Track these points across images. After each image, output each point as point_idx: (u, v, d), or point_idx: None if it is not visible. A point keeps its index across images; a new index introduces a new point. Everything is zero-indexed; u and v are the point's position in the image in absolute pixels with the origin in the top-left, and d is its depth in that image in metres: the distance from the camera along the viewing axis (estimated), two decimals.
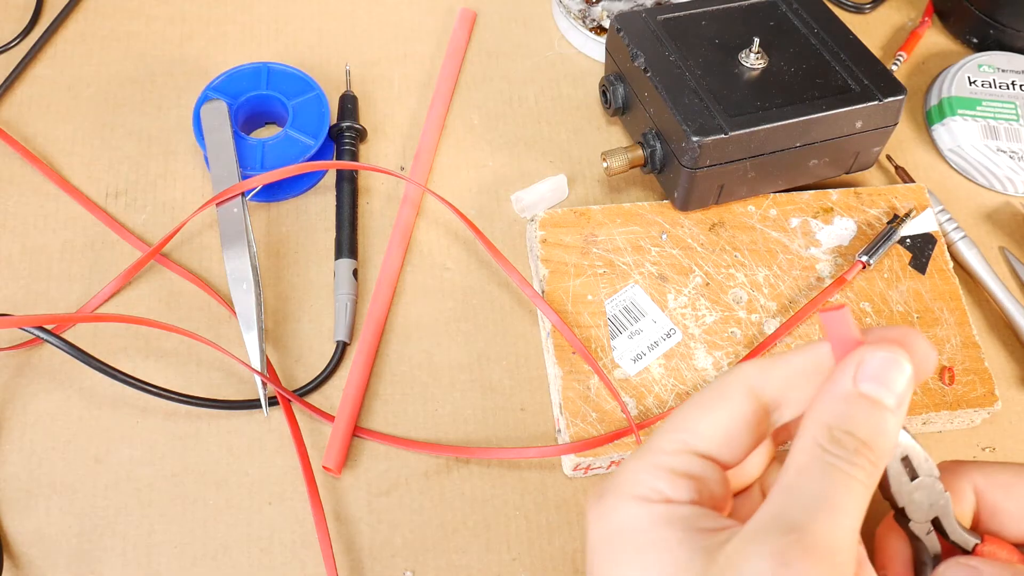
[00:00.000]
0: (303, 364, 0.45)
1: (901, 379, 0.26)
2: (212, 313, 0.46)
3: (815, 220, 0.47)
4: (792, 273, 0.45)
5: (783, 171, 0.47)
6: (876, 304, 0.45)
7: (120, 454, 0.42)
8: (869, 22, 0.61)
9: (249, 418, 0.43)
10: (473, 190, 0.51)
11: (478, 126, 0.53)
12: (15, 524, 0.40)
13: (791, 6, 0.50)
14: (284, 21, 0.57)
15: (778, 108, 0.45)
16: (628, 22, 0.49)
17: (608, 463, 0.41)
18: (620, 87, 0.50)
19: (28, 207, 0.49)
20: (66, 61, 0.54)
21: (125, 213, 0.49)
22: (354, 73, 0.55)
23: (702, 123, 0.44)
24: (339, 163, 0.49)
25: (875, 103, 0.46)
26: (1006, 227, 0.52)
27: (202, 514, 0.41)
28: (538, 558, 0.40)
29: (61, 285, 0.46)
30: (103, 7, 0.57)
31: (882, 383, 0.26)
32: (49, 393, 0.43)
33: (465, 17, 0.57)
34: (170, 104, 0.53)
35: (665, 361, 0.42)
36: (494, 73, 0.55)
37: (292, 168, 0.47)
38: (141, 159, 0.51)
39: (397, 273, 0.47)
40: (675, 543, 0.26)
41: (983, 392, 0.43)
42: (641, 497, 0.27)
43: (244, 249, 0.45)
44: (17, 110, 0.52)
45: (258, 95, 0.50)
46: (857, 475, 0.25)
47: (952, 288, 0.46)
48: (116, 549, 0.40)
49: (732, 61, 0.47)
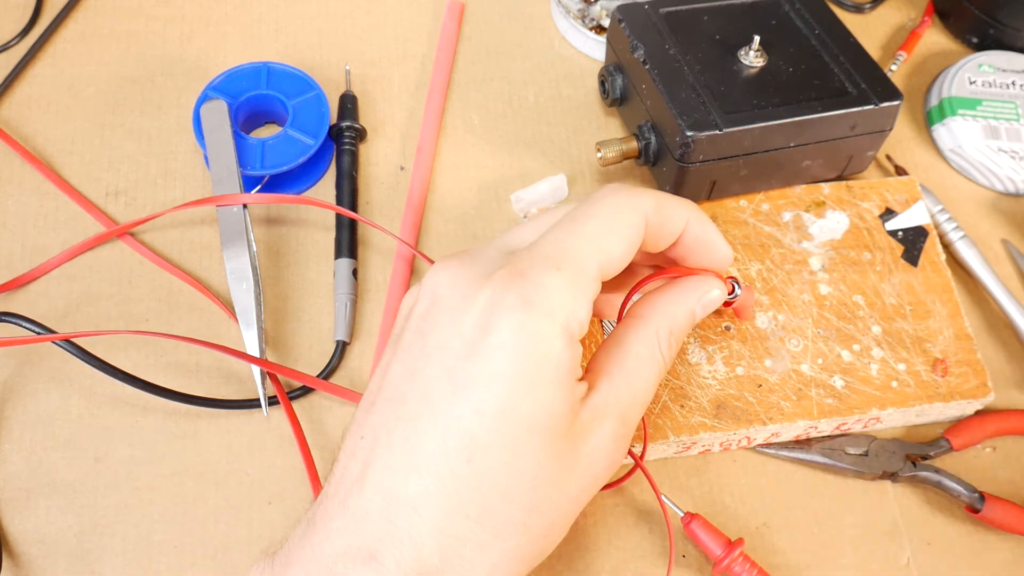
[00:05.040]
0: (303, 364, 0.45)
1: (710, 312, 0.35)
2: (211, 313, 0.46)
3: (807, 214, 0.47)
4: (785, 267, 0.45)
5: (776, 171, 0.47)
6: (869, 297, 0.45)
7: (120, 453, 0.42)
8: (869, 22, 0.61)
9: (249, 417, 0.43)
10: (473, 190, 0.51)
11: (478, 126, 0.53)
12: (15, 523, 0.40)
13: (794, 6, 0.50)
14: (284, 21, 0.57)
15: (774, 107, 0.45)
16: (630, 13, 0.49)
17: None
18: (619, 78, 0.50)
19: (28, 207, 0.49)
20: (66, 61, 0.54)
21: (125, 213, 0.49)
22: (354, 73, 0.55)
23: (697, 118, 0.44)
24: (337, 208, 0.49)
25: (871, 107, 0.46)
26: (1011, 220, 0.52)
27: (202, 514, 0.41)
28: None
29: (61, 284, 0.46)
30: (103, 7, 0.57)
31: (705, 314, 0.35)
32: (49, 392, 0.43)
33: (453, 9, 0.57)
34: (170, 104, 0.53)
35: None
36: (494, 73, 0.55)
37: (288, 197, 0.49)
38: (141, 158, 0.51)
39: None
40: (568, 391, 0.29)
41: (976, 384, 0.43)
42: (569, 333, 0.29)
43: (244, 249, 0.45)
44: (17, 110, 0.52)
45: (258, 95, 0.50)
46: (667, 367, 0.33)
47: (944, 280, 0.46)
48: (116, 548, 0.40)
49: (731, 58, 0.47)
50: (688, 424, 0.40)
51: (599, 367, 0.32)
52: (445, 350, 0.29)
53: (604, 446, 0.31)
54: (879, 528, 0.41)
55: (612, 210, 0.32)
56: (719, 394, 0.41)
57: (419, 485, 0.28)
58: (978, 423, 0.44)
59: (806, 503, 0.42)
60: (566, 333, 0.29)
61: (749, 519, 0.41)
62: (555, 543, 0.31)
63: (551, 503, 0.30)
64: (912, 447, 0.43)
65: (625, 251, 0.31)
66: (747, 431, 0.41)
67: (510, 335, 0.28)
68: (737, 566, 0.38)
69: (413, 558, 0.28)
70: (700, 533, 0.39)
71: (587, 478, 0.31)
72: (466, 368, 0.29)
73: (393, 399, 0.30)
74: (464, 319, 0.29)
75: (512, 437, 0.28)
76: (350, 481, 0.30)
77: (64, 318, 0.45)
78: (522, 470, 0.29)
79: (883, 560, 0.41)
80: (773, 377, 0.42)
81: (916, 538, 0.41)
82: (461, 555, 0.28)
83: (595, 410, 0.31)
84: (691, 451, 0.42)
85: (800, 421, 0.41)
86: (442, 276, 0.31)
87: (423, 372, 0.30)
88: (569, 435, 0.29)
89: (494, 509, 0.28)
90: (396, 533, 0.28)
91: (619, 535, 0.41)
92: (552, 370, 0.29)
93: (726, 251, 0.36)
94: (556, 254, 0.30)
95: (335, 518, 0.29)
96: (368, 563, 0.28)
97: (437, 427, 0.29)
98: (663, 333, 0.33)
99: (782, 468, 0.43)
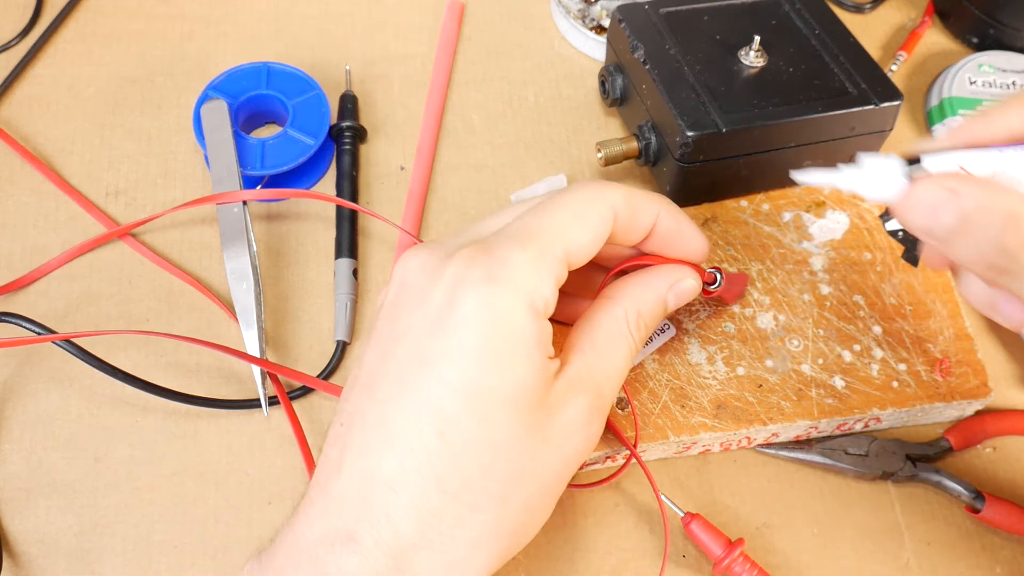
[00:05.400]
0: (303, 364, 0.45)
1: (686, 302, 0.36)
2: (212, 313, 0.46)
3: (807, 214, 0.47)
4: (785, 267, 0.45)
5: (776, 171, 0.47)
6: (869, 297, 0.45)
7: (120, 453, 0.42)
8: (869, 22, 0.61)
9: (249, 417, 0.43)
10: (473, 190, 0.51)
11: (478, 126, 0.53)
12: (15, 523, 0.40)
13: (794, 6, 0.50)
14: (284, 21, 0.57)
15: (774, 107, 0.45)
16: (630, 13, 0.49)
17: (603, 457, 0.41)
18: (619, 78, 0.50)
19: (28, 207, 0.49)
20: (66, 60, 0.54)
21: (125, 213, 0.49)
22: (354, 73, 0.55)
23: (697, 118, 0.44)
24: (339, 200, 0.49)
25: (871, 107, 0.46)
26: None
27: (202, 514, 0.41)
28: (535, 557, 0.40)
29: (61, 284, 0.46)
30: (103, 6, 0.57)
31: (679, 302, 0.36)
32: (49, 392, 0.43)
33: (453, 9, 0.57)
34: (170, 103, 0.53)
35: (659, 356, 0.42)
36: (494, 73, 0.55)
37: (289, 191, 0.49)
38: (141, 158, 0.51)
39: None
40: (538, 366, 0.30)
41: (976, 384, 0.43)
42: (534, 308, 0.30)
43: (244, 248, 0.45)
44: (17, 109, 0.52)
45: (258, 95, 0.50)
46: (638, 349, 0.34)
47: (944, 280, 0.46)
48: (116, 548, 0.40)
49: (732, 58, 0.47)
50: (688, 424, 0.40)
51: (571, 345, 0.33)
52: (413, 330, 0.30)
53: (579, 418, 0.31)
54: (879, 528, 0.41)
55: (580, 200, 0.32)
56: (719, 394, 0.41)
57: (394, 463, 0.29)
58: (978, 423, 0.43)
59: (806, 503, 0.42)
60: (530, 308, 0.30)
61: (749, 519, 0.41)
62: (538, 519, 0.31)
63: (528, 474, 0.30)
64: (912, 447, 0.43)
65: (591, 240, 0.32)
66: (747, 431, 0.41)
67: (475, 309, 0.29)
68: (737, 566, 0.38)
69: (391, 536, 0.28)
70: (700, 533, 0.38)
71: (563, 451, 0.31)
72: (433, 344, 0.29)
73: (367, 384, 0.30)
74: (430, 298, 0.30)
75: (482, 409, 0.29)
76: (330, 467, 0.30)
77: (64, 318, 0.45)
78: (494, 441, 0.29)
79: (883, 560, 0.41)
80: (773, 377, 0.42)
81: (916, 538, 0.41)
82: (439, 530, 0.29)
83: (568, 383, 0.31)
84: (691, 451, 0.42)
85: (800, 421, 0.41)
86: (412, 263, 0.32)
87: (393, 353, 0.30)
88: (541, 407, 0.30)
89: (470, 482, 0.29)
90: (373, 512, 0.28)
91: (619, 535, 0.41)
92: (519, 342, 0.29)
93: (700, 242, 0.36)
94: (521, 234, 0.31)
95: (315, 504, 0.30)
96: (347, 544, 0.28)
97: (409, 405, 0.29)
98: (631, 314, 0.34)
99: (782, 468, 0.43)
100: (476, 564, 0.29)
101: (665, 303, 0.35)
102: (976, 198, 0.28)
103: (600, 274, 0.37)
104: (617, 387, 0.34)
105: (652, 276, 0.36)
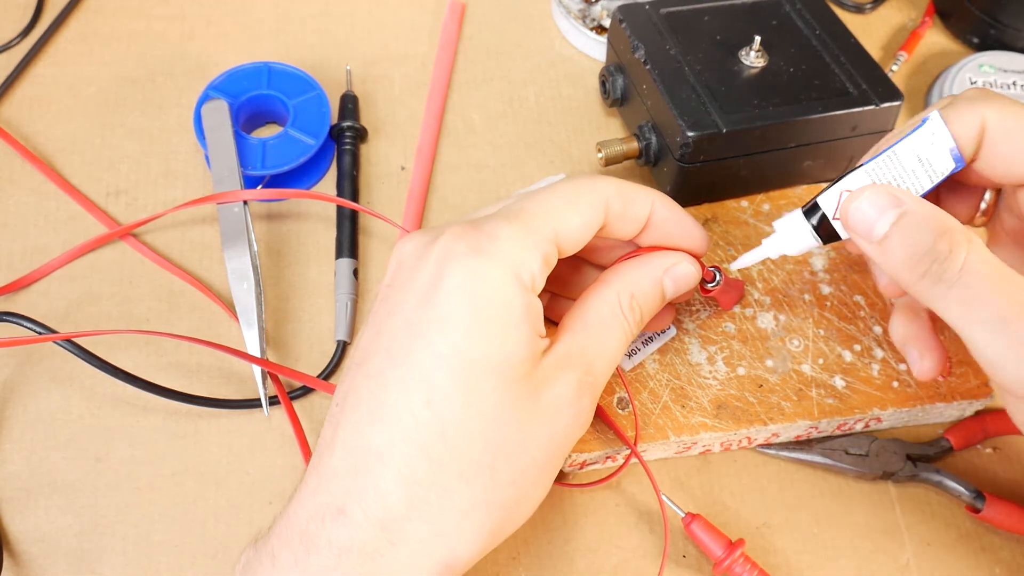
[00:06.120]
0: (303, 364, 0.45)
1: (685, 288, 0.36)
2: (212, 313, 0.46)
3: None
4: (786, 267, 0.45)
5: (776, 171, 0.47)
6: (870, 297, 0.45)
7: (121, 453, 0.42)
8: (869, 22, 0.61)
9: (249, 417, 0.43)
10: (474, 189, 0.51)
11: (478, 126, 0.53)
12: (15, 523, 0.40)
13: (794, 6, 0.50)
14: (284, 21, 0.57)
15: (775, 107, 0.45)
16: (631, 14, 0.49)
17: (603, 457, 0.41)
18: (619, 78, 0.50)
19: (28, 207, 0.49)
20: (67, 60, 0.54)
21: (125, 212, 0.49)
22: (355, 73, 0.55)
23: (697, 118, 0.44)
24: (339, 200, 0.49)
25: (872, 107, 0.46)
26: None
27: (202, 513, 0.41)
28: (536, 557, 0.40)
29: (62, 284, 0.46)
30: (104, 6, 0.57)
31: (678, 288, 0.36)
32: (50, 392, 0.43)
33: (454, 9, 0.57)
34: (171, 103, 0.53)
35: (659, 356, 0.42)
36: (494, 73, 0.56)
37: (290, 191, 0.49)
38: (141, 158, 0.51)
39: None
40: (526, 338, 0.30)
41: (976, 384, 0.43)
42: (520, 280, 0.30)
43: (245, 248, 0.45)
44: (17, 109, 0.52)
45: (259, 95, 0.50)
46: (632, 332, 0.34)
47: None
48: (116, 548, 0.40)
49: (732, 58, 0.47)
50: (689, 424, 0.40)
51: (562, 327, 0.33)
52: (403, 305, 0.30)
53: (567, 393, 0.31)
54: (879, 528, 0.41)
55: (572, 187, 0.33)
56: (720, 394, 0.41)
57: (383, 435, 0.29)
58: (978, 423, 0.44)
59: (806, 503, 0.42)
60: (516, 279, 0.30)
61: (750, 519, 0.41)
62: (530, 496, 0.31)
63: (516, 446, 0.30)
64: (912, 447, 0.43)
65: (581, 225, 0.32)
66: (748, 431, 0.41)
67: (461, 280, 0.29)
68: (738, 567, 0.38)
69: (379, 507, 0.28)
70: (701, 534, 0.38)
71: (552, 427, 0.31)
72: (422, 315, 0.29)
73: (360, 361, 0.31)
74: (420, 274, 0.30)
75: (469, 378, 0.29)
76: (323, 447, 0.30)
77: (65, 318, 0.45)
78: (481, 410, 0.29)
79: (883, 560, 0.41)
80: (774, 377, 0.42)
81: (916, 538, 0.41)
82: (427, 500, 0.29)
83: (557, 359, 0.31)
84: (691, 451, 0.42)
85: (801, 421, 0.41)
86: (407, 247, 0.32)
87: (385, 330, 0.30)
88: (530, 379, 0.30)
89: (457, 451, 0.29)
90: (362, 485, 0.29)
91: (620, 535, 0.41)
92: (505, 313, 0.29)
93: (698, 233, 0.36)
94: (511, 213, 0.31)
95: (307, 484, 0.30)
96: (337, 518, 0.29)
97: (399, 376, 0.29)
98: (624, 296, 0.34)
99: (783, 468, 0.43)
100: (466, 535, 0.29)
101: (662, 287, 0.35)
102: (916, 204, 0.31)
103: (598, 275, 0.37)
104: (610, 368, 0.33)
105: (646, 260, 0.36)
